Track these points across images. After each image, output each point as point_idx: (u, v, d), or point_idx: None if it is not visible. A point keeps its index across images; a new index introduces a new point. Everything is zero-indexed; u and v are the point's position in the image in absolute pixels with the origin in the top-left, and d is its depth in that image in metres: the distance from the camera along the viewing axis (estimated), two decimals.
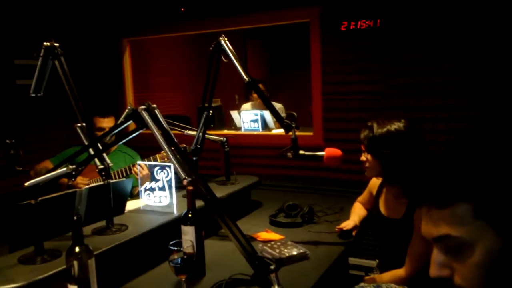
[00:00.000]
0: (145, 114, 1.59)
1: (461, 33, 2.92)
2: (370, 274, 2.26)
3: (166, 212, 2.10)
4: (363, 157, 2.10)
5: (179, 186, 2.11)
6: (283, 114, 4.81)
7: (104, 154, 1.88)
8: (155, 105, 1.67)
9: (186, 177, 1.50)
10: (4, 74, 3.68)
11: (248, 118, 4.20)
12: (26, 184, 1.56)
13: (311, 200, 2.77)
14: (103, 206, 1.90)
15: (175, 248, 1.51)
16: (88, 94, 2.97)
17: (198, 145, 2.44)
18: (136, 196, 2.86)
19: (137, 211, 2.19)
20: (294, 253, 1.94)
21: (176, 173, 1.72)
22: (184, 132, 2.71)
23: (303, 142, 2.17)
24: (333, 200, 2.90)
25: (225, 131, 4.39)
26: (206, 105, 2.47)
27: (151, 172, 2.14)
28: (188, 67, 6.00)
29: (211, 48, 2.36)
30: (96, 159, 1.84)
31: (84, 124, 1.97)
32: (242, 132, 4.20)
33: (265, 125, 4.18)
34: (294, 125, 2.14)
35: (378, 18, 3.18)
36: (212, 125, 2.54)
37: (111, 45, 4.47)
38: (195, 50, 5.90)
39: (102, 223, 1.93)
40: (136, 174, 2.70)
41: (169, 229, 1.90)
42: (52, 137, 3.98)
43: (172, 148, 1.58)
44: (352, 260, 3.25)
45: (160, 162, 2.57)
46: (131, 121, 1.67)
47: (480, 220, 0.79)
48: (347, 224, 2.24)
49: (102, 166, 1.85)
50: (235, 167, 2.93)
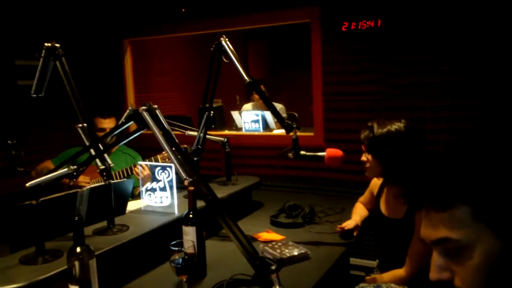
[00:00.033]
0: (146, 115, 1.59)
1: (462, 33, 2.92)
2: (371, 274, 2.26)
3: (167, 212, 2.10)
4: (364, 158, 2.10)
5: (180, 187, 2.11)
6: (284, 115, 4.81)
7: (105, 155, 1.88)
8: (156, 106, 1.67)
9: (187, 178, 1.50)
10: (5, 74, 3.68)
11: (249, 119, 4.19)
12: (27, 184, 1.56)
13: (312, 201, 2.77)
14: (104, 207, 1.90)
15: (176, 249, 1.51)
16: (89, 95, 2.98)
17: (199, 146, 2.45)
18: (137, 196, 2.86)
19: (138, 211, 2.19)
20: (295, 253, 1.94)
21: (177, 173, 1.73)
22: (185, 132, 2.71)
23: (304, 143, 2.17)
24: (334, 201, 2.90)
25: (226, 132, 4.39)
26: (207, 105, 2.47)
27: (152, 173, 2.14)
28: (189, 67, 6.00)
29: (212, 48, 2.37)
30: (97, 160, 1.84)
31: (85, 124, 1.97)
32: (243, 132, 4.20)
33: (266, 126, 4.17)
34: (295, 125, 2.14)
35: (379, 19, 3.18)
36: (213, 126, 2.54)
37: (112, 46, 4.48)
38: (196, 51, 5.90)
39: (103, 224, 1.93)
40: (137, 174, 2.70)
41: (170, 230, 1.90)
42: (54, 138, 3.99)
43: (173, 149, 1.58)
44: (353, 260, 3.24)
45: (161, 162, 2.57)
46: (132, 122, 1.68)
47: (479, 222, 0.79)
48: (348, 224, 2.24)
49: (103, 167, 1.85)
50: (236, 167, 2.93)
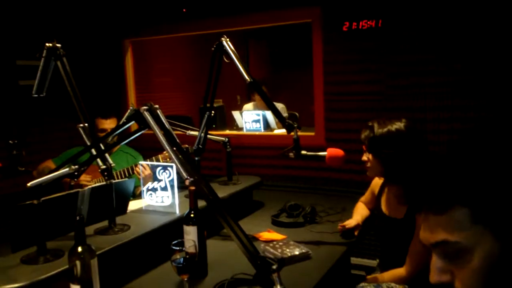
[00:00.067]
0: (147, 115, 1.60)
1: (462, 33, 2.92)
2: (372, 274, 2.26)
3: (168, 212, 2.10)
4: (365, 157, 2.11)
5: (181, 186, 2.11)
6: (285, 114, 4.81)
7: (107, 154, 1.88)
8: (157, 106, 1.67)
9: (188, 177, 1.51)
10: (7, 74, 3.69)
11: (250, 119, 4.19)
12: (28, 184, 1.56)
13: (313, 200, 2.77)
14: (105, 206, 1.91)
15: (177, 248, 1.51)
16: (90, 95, 2.98)
17: (200, 145, 2.45)
18: (138, 196, 2.86)
19: (139, 211, 2.20)
20: (296, 253, 1.94)
21: (178, 173, 1.73)
22: (186, 132, 2.71)
23: (305, 142, 2.17)
24: (335, 200, 2.90)
25: (227, 132, 4.38)
26: (208, 105, 2.47)
27: (153, 172, 2.14)
28: (190, 67, 5.99)
29: (213, 48, 2.37)
30: (98, 160, 1.85)
31: (86, 124, 1.98)
32: (244, 132, 4.20)
33: (267, 125, 4.17)
34: (296, 125, 2.14)
35: (380, 18, 3.18)
36: (214, 126, 2.55)
37: (113, 46, 4.48)
38: (197, 51, 5.90)
39: (105, 223, 1.93)
40: (138, 174, 2.70)
41: (171, 229, 1.90)
42: (55, 138, 3.99)
43: (174, 148, 1.58)
44: (354, 260, 3.24)
45: (162, 162, 2.58)
46: (133, 122, 1.68)
47: (478, 225, 0.79)
48: (349, 223, 2.24)
49: (104, 167, 1.85)
50: (237, 167, 2.93)
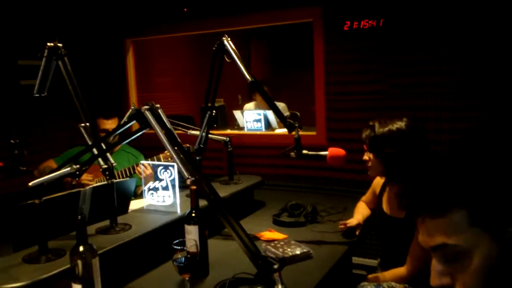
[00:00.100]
0: (148, 114, 1.60)
1: (464, 33, 2.91)
2: (373, 273, 2.26)
3: (170, 211, 2.11)
4: (366, 157, 2.11)
5: (183, 186, 2.11)
6: (286, 113, 4.80)
7: (108, 154, 1.88)
8: (158, 105, 1.68)
9: (190, 177, 1.51)
10: (8, 74, 3.69)
11: (251, 118, 4.19)
12: (30, 184, 1.56)
13: (314, 200, 2.76)
14: (107, 206, 1.91)
15: (179, 247, 1.51)
16: (92, 94, 2.98)
17: (201, 145, 2.45)
18: (139, 195, 2.87)
19: (140, 210, 2.20)
20: (298, 252, 1.94)
21: (179, 172, 1.73)
22: (187, 132, 2.71)
23: (306, 142, 2.17)
24: (336, 200, 2.90)
25: (228, 131, 4.39)
26: (209, 105, 2.47)
27: (155, 172, 2.14)
28: (191, 67, 5.99)
29: (214, 48, 2.37)
30: (99, 159, 1.85)
31: (87, 124, 1.98)
32: (245, 132, 4.20)
33: (268, 125, 4.17)
34: (297, 124, 2.14)
35: (381, 18, 3.18)
36: (215, 125, 2.55)
37: (114, 46, 4.48)
38: (198, 50, 5.89)
39: (106, 223, 1.94)
40: (140, 173, 2.70)
41: (173, 229, 1.90)
42: (56, 137, 3.99)
43: (176, 148, 1.58)
44: (355, 259, 3.24)
45: (164, 161, 2.58)
46: (134, 121, 1.68)
47: (475, 227, 0.80)
48: (350, 221, 2.24)
49: (106, 166, 1.85)
50: (238, 166, 2.93)
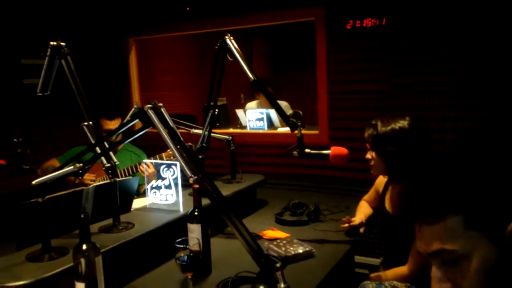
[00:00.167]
0: (151, 113, 1.60)
1: (467, 32, 2.90)
2: (375, 272, 2.26)
3: (172, 210, 2.11)
4: (368, 155, 2.11)
5: (185, 184, 2.11)
6: (289, 112, 4.79)
7: (111, 153, 1.89)
8: (161, 104, 1.68)
9: (192, 176, 1.51)
10: (11, 73, 3.70)
11: (254, 117, 4.19)
12: (33, 182, 1.57)
13: (316, 199, 2.76)
14: (109, 204, 1.91)
15: (182, 246, 1.51)
16: (95, 93, 2.98)
17: (204, 144, 2.45)
18: (142, 194, 2.87)
19: (143, 209, 2.20)
20: (300, 251, 1.94)
21: (182, 171, 1.73)
22: (190, 130, 2.71)
23: (308, 141, 2.17)
24: (339, 199, 2.89)
25: (231, 130, 4.39)
26: (212, 103, 2.48)
27: (157, 171, 2.15)
28: (193, 66, 6.00)
29: (216, 46, 2.37)
30: (102, 158, 1.85)
31: (90, 123, 1.98)
32: (248, 130, 4.19)
33: (270, 124, 4.17)
34: (299, 123, 2.14)
35: (384, 17, 3.17)
36: (217, 124, 2.55)
37: (117, 44, 4.49)
38: (200, 49, 5.90)
39: (109, 221, 1.94)
40: (142, 172, 2.71)
41: (175, 227, 1.91)
42: (59, 136, 4.00)
43: (178, 147, 1.58)
44: (358, 258, 3.24)
45: (166, 160, 2.58)
46: (137, 120, 1.68)
47: (472, 231, 0.81)
48: (353, 220, 2.24)
49: (108, 165, 1.86)
50: (241, 165, 2.93)
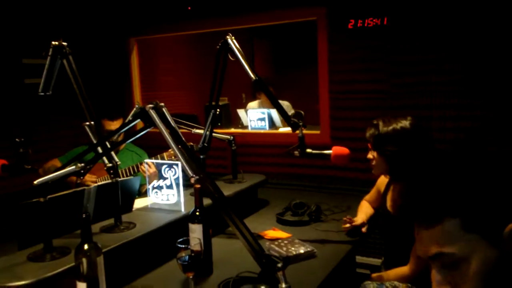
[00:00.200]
0: (153, 113, 1.60)
1: (470, 31, 2.89)
2: (376, 272, 2.26)
3: (174, 210, 2.11)
4: (370, 155, 2.10)
5: (187, 184, 2.11)
6: (290, 112, 4.78)
7: (112, 153, 1.89)
8: (162, 104, 1.68)
9: (194, 175, 1.51)
10: (13, 73, 3.70)
11: (255, 117, 4.19)
12: (35, 182, 1.57)
13: (318, 199, 2.76)
14: (111, 204, 1.91)
15: (183, 246, 1.51)
16: (96, 93, 2.99)
17: (205, 144, 2.45)
18: (144, 194, 2.87)
19: (145, 209, 2.20)
20: (301, 251, 1.94)
21: (183, 171, 1.73)
22: (191, 130, 2.71)
23: (310, 141, 2.17)
24: (340, 199, 2.89)
25: (232, 130, 4.39)
26: (213, 103, 2.47)
27: (159, 170, 2.15)
28: (195, 65, 5.99)
29: (218, 46, 2.36)
30: (104, 158, 1.85)
31: (92, 122, 1.98)
32: (249, 130, 4.19)
33: (272, 124, 4.17)
34: (301, 123, 2.14)
35: (386, 16, 3.17)
36: (219, 124, 2.54)
37: (119, 44, 4.49)
38: (202, 49, 5.89)
39: (111, 221, 1.94)
40: (144, 172, 2.71)
41: (177, 227, 1.91)
42: (61, 136, 4.01)
43: (180, 146, 1.58)
44: (359, 258, 3.24)
45: (168, 160, 2.58)
46: (139, 120, 1.68)
47: (470, 233, 0.81)
48: (355, 220, 2.24)
49: (110, 165, 1.86)
50: (242, 165, 2.93)
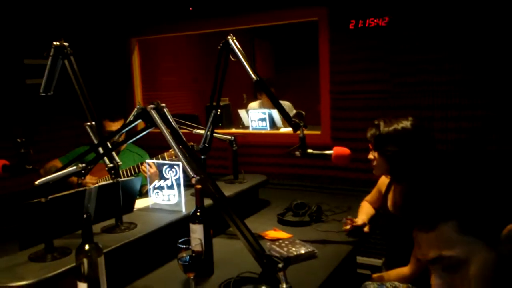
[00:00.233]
0: (154, 113, 1.60)
1: (471, 31, 2.89)
2: (377, 273, 2.26)
3: (175, 210, 2.11)
4: (371, 156, 2.10)
5: (188, 185, 2.11)
6: (292, 112, 4.79)
7: (114, 153, 1.89)
8: (163, 104, 1.68)
9: (195, 176, 1.51)
10: (14, 73, 3.71)
11: (256, 117, 4.19)
12: (36, 182, 1.57)
13: (319, 199, 2.76)
14: (112, 205, 1.91)
15: (184, 246, 1.51)
16: (98, 93, 2.99)
17: (206, 144, 2.45)
18: (145, 194, 2.87)
19: (146, 209, 2.20)
20: (302, 251, 1.94)
21: (184, 171, 1.73)
22: (192, 130, 2.71)
23: (311, 141, 2.17)
24: (341, 199, 2.89)
25: (233, 130, 4.39)
26: (214, 104, 2.48)
27: (160, 171, 2.15)
28: (196, 66, 6.00)
29: (219, 47, 2.37)
30: (105, 158, 1.85)
31: (93, 123, 1.98)
32: (250, 131, 4.19)
33: (273, 124, 4.16)
34: (302, 123, 2.14)
35: (387, 16, 3.17)
36: (220, 124, 2.54)
37: (120, 45, 4.50)
38: (203, 49, 5.90)
39: (112, 221, 1.94)
40: (145, 172, 2.71)
41: (178, 227, 1.91)
42: (62, 136, 4.01)
43: (181, 147, 1.58)
44: (360, 259, 3.24)
45: (169, 160, 2.58)
46: (140, 120, 1.68)
47: (468, 236, 0.81)
48: (356, 221, 2.23)
49: (111, 165, 1.86)
50: (243, 165, 2.93)
